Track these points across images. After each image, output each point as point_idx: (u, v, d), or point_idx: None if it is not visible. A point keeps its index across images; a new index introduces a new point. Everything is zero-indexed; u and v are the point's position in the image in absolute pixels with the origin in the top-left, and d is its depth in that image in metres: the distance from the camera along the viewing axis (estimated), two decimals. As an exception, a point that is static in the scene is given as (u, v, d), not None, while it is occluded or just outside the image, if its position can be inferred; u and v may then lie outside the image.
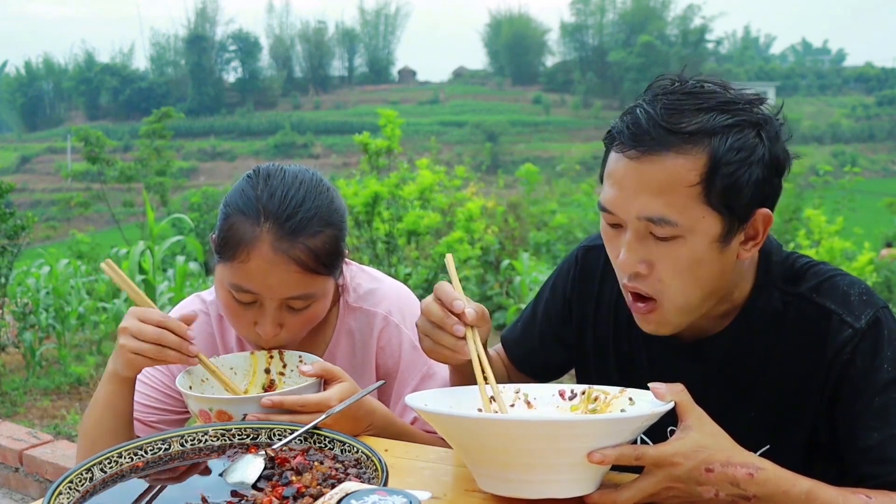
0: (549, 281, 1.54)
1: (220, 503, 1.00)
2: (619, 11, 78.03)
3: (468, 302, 1.24)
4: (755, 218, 1.16)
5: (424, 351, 1.29)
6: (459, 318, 1.22)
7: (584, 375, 1.48)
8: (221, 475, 1.08)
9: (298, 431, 1.17)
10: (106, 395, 1.41)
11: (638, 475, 1.05)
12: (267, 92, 73.96)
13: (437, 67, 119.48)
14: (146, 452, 1.13)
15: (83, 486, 1.04)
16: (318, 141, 58.23)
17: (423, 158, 7.51)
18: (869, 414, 1.15)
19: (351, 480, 1.02)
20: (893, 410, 1.15)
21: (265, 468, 1.08)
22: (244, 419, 1.24)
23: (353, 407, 1.27)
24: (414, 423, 1.50)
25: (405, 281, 6.41)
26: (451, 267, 1.32)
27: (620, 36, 75.41)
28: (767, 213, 1.17)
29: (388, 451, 1.25)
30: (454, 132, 56.60)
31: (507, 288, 7.71)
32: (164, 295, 5.97)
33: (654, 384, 1.08)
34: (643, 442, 1.29)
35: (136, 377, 1.41)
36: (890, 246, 12.21)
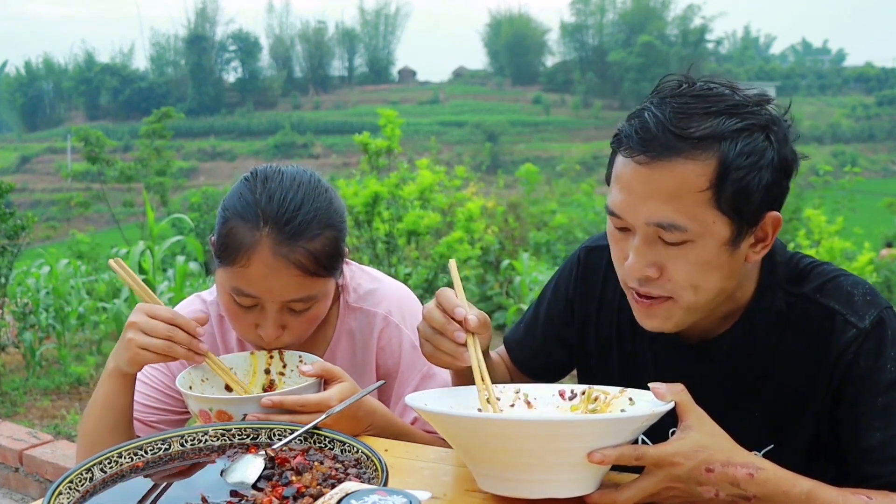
0: (551, 281, 1.53)
1: (220, 503, 1.00)
2: (619, 11, 78.09)
3: (470, 308, 1.24)
4: (764, 221, 1.16)
5: (425, 355, 1.29)
6: (461, 324, 1.22)
7: (586, 376, 1.48)
8: (221, 475, 1.08)
9: (298, 431, 1.17)
10: (106, 392, 1.41)
11: (638, 475, 1.05)
12: (267, 92, 73.98)
13: (437, 67, 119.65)
14: (146, 452, 1.13)
15: (83, 486, 1.04)
16: (318, 141, 58.25)
17: (423, 158, 7.50)
18: (872, 414, 1.15)
19: (351, 480, 1.02)
20: None
21: (265, 468, 1.08)
22: (244, 419, 1.24)
23: (353, 407, 1.27)
24: (414, 423, 1.50)
25: (405, 281, 6.41)
26: (454, 273, 1.32)
27: (620, 36, 75.43)
28: (776, 215, 1.17)
29: (388, 451, 1.25)
30: (454, 132, 56.62)
31: (507, 288, 7.71)
32: (164, 295, 5.96)
33: (654, 384, 1.08)
34: (643, 443, 1.29)
35: (136, 374, 1.41)
36: (890, 246, 12.21)
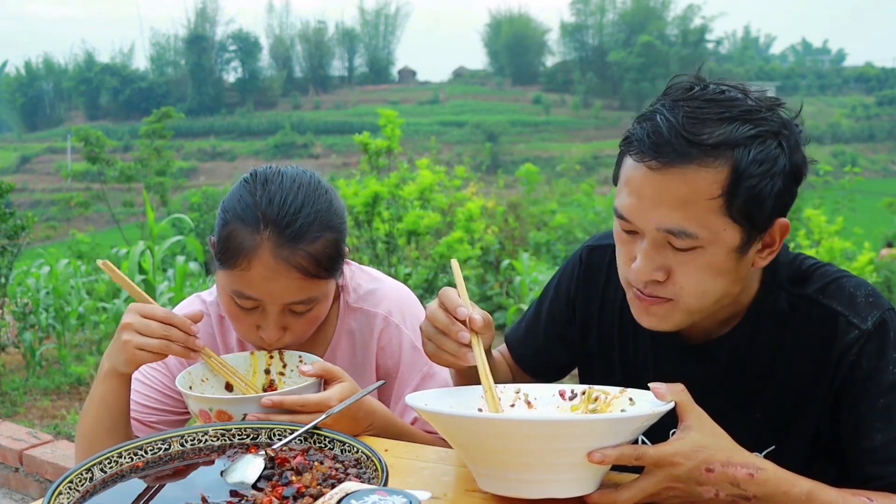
0: (553, 280, 1.53)
1: (220, 503, 1.00)
2: (619, 11, 78.11)
3: (473, 307, 1.24)
4: (773, 227, 1.16)
5: (427, 354, 1.29)
6: (464, 324, 1.21)
7: (587, 375, 1.47)
8: (221, 475, 1.08)
9: (298, 431, 1.17)
10: (103, 393, 1.40)
11: (638, 475, 1.05)
12: (267, 92, 73.99)
13: (437, 67, 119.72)
14: (146, 452, 1.13)
15: (83, 486, 1.04)
16: (318, 141, 58.27)
17: (423, 158, 7.51)
18: (873, 415, 1.15)
19: (351, 480, 1.02)
20: None
21: (265, 468, 1.08)
22: (244, 419, 1.24)
23: (353, 407, 1.27)
24: (414, 423, 1.50)
25: (405, 281, 6.41)
26: (456, 272, 1.31)
27: (620, 36, 75.46)
28: (785, 222, 1.17)
29: (388, 451, 1.25)
30: (454, 132, 56.63)
31: (507, 288, 7.71)
32: (164, 295, 5.97)
33: (654, 384, 1.08)
34: (643, 443, 1.29)
35: (132, 374, 1.41)
36: (890, 246, 12.21)
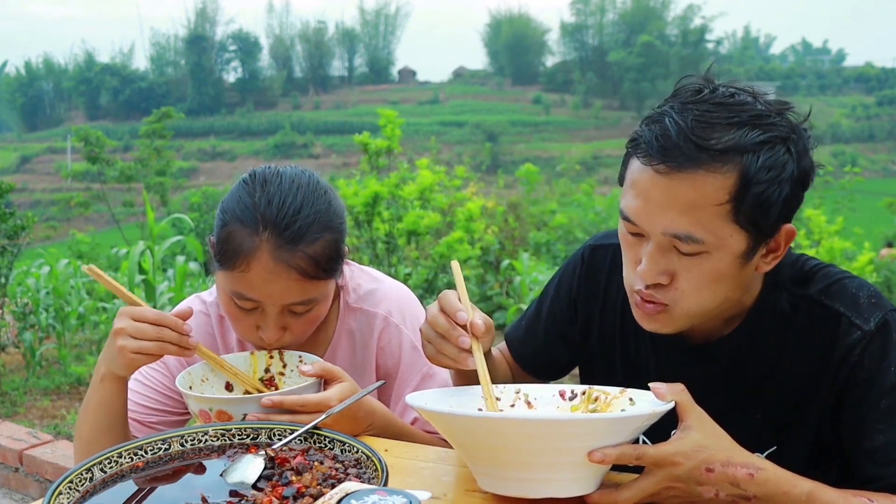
0: (554, 279, 1.52)
1: (219, 503, 1.00)
2: (619, 11, 78.10)
3: (474, 310, 1.23)
4: (779, 233, 1.16)
5: (427, 356, 1.28)
6: (464, 328, 1.21)
7: (588, 375, 1.47)
8: (221, 475, 1.08)
9: (298, 431, 1.17)
10: (101, 396, 1.40)
11: (638, 475, 1.05)
12: (267, 92, 74.00)
13: (437, 67, 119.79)
14: (146, 452, 1.13)
15: (83, 486, 1.04)
16: (318, 141, 58.28)
17: (423, 158, 7.51)
18: (875, 416, 1.15)
19: (351, 480, 1.02)
20: None
21: (265, 468, 1.08)
22: (244, 419, 1.24)
23: (353, 407, 1.27)
24: (414, 423, 1.50)
25: (405, 281, 6.41)
26: (457, 274, 1.30)
27: (620, 36, 75.45)
28: (791, 228, 1.16)
29: (388, 451, 1.25)
30: (454, 132, 56.63)
31: (507, 288, 7.71)
32: (164, 295, 5.97)
33: (654, 384, 1.07)
34: (643, 443, 1.29)
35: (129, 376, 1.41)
36: (890, 246, 12.21)
